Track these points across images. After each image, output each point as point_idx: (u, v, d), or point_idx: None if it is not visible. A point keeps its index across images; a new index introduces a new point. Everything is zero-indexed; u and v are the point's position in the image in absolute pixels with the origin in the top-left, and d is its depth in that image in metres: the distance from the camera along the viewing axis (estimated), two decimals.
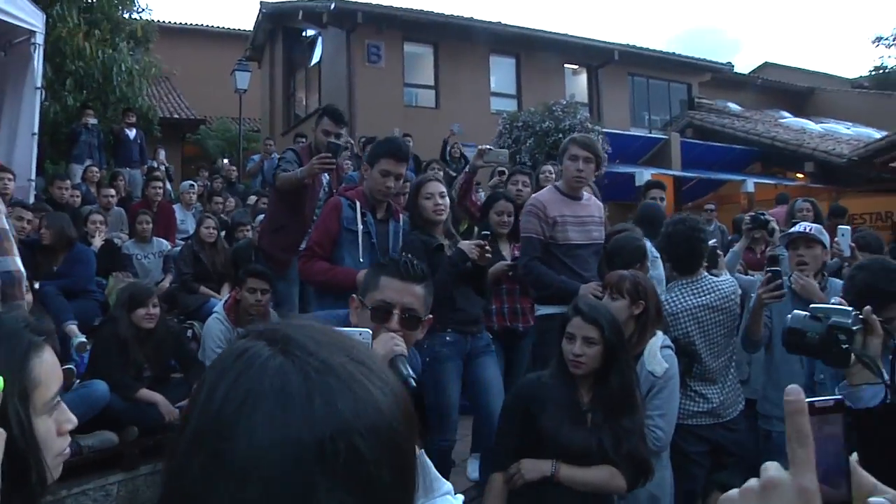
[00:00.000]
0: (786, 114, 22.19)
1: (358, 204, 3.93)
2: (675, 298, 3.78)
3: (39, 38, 8.18)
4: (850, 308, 1.61)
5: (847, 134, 18.66)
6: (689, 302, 3.74)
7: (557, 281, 4.11)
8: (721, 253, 4.87)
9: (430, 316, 2.28)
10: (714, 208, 9.69)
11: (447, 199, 4.23)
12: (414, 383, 1.95)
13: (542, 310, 4.28)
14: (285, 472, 0.61)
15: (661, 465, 3.12)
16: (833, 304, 1.67)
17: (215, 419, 0.65)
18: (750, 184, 16.29)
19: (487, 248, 3.83)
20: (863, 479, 0.80)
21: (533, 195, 4.54)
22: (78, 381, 4.79)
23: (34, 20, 8.07)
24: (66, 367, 4.85)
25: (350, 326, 2.13)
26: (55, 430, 1.10)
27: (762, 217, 4.66)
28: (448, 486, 1.65)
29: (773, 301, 3.55)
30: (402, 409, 0.71)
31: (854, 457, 0.77)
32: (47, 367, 0.97)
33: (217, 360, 0.72)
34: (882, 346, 1.63)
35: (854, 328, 1.57)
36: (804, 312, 1.62)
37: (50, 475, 1.07)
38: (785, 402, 0.72)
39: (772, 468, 0.72)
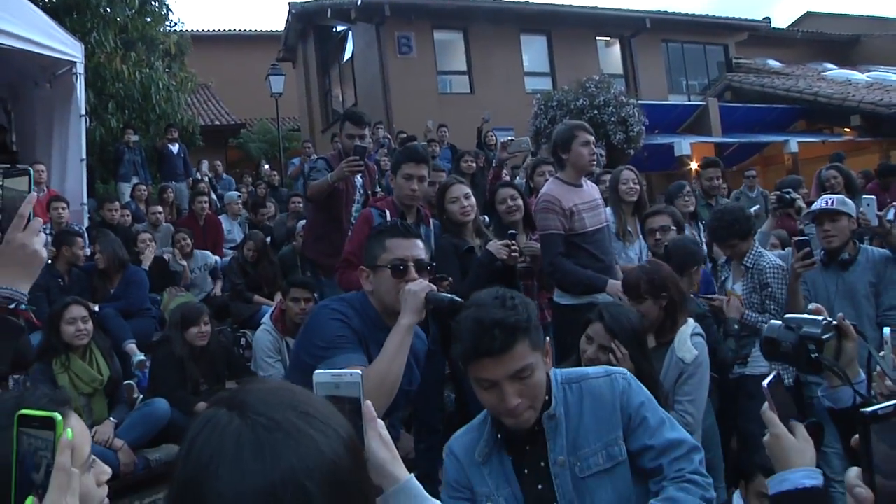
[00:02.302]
0: (830, 66, 21.56)
1: (388, 212, 4.06)
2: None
3: (80, 68, 8.52)
4: (822, 318, 1.69)
5: None
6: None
7: (585, 277, 4.14)
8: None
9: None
10: (755, 174, 9.53)
11: (472, 199, 4.32)
12: (458, 299, 2.28)
13: (563, 299, 4.28)
14: None
15: None
16: (807, 313, 1.75)
17: (192, 475, 0.84)
18: (793, 143, 15.98)
19: (515, 246, 3.93)
20: None
21: (542, 191, 4.49)
22: (140, 396, 5.07)
23: (74, 51, 8.41)
24: (127, 382, 5.13)
25: (358, 299, 2.57)
26: (94, 482, 1.26)
27: (787, 196, 4.66)
28: None
29: (805, 270, 3.68)
30: (346, 445, 0.89)
31: None
32: (76, 433, 1.13)
33: (190, 427, 0.89)
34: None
35: (824, 337, 1.65)
36: (779, 322, 1.72)
37: None
38: None
39: None
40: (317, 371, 1.41)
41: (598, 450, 1.93)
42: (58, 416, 1.05)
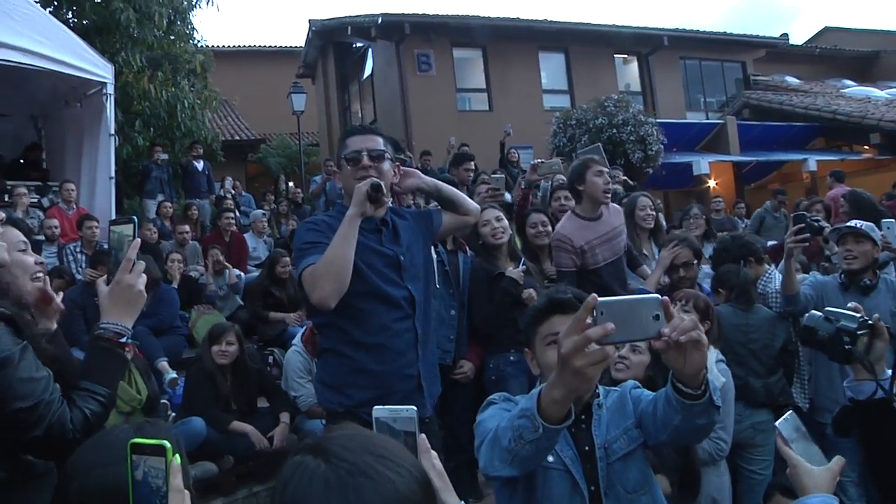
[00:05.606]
0: (849, 82, 21.38)
1: None
2: None
3: (110, 88, 8.70)
4: (859, 315, 1.90)
5: None
6: None
7: None
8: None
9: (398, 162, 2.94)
10: (785, 193, 9.50)
11: (504, 221, 4.41)
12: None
13: None
14: None
15: (719, 472, 3.28)
16: (848, 308, 1.91)
17: None
18: (812, 162, 15.91)
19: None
20: None
21: (556, 230, 4.54)
22: (173, 414, 5.17)
23: (105, 72, 8.59)
24: (162, 402, 5.24)
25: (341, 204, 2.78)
26: None
27: (816, 224, 4.68)
28: None
29: (797, 246, 3.83)
30: (419, 482, 1.02)
31: None
32: None
33: (283, 472, 1.03)
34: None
35: (859, 332, 1.86)
36: (819, 313, 1.93)
37: None
38: None
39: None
40: (376, 407, 1.53)
41: (619, 435, 2.00)
42: (167, 444, 1.15)
